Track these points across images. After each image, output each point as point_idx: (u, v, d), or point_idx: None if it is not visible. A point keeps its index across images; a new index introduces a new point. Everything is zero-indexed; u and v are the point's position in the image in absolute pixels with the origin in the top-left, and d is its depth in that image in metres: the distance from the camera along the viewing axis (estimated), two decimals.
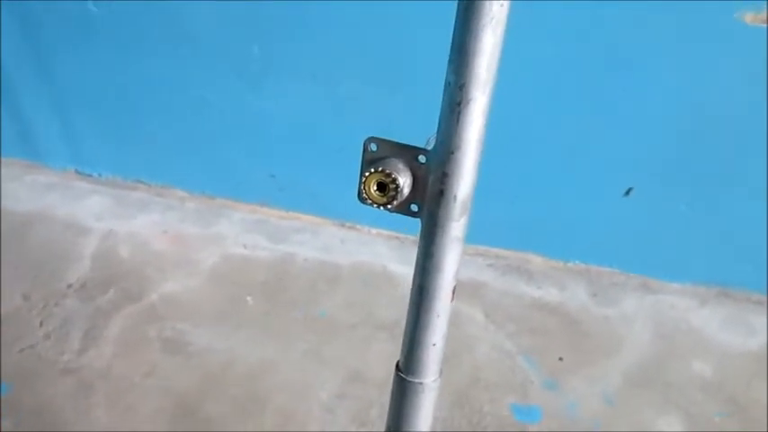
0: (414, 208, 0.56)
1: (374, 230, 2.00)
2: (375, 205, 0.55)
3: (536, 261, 1.94)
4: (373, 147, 0.56)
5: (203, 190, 2.08)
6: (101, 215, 2.01)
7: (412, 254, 1.96)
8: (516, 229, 1.86)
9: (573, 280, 1.89)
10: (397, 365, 0.62)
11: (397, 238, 1.99)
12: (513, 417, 1.47)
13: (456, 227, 0.54)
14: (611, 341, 1.70)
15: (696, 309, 1.83)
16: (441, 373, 0.62)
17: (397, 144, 0.56)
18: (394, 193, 0.54)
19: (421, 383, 0.61)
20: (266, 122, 1.88)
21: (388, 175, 0.53)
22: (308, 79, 1.78)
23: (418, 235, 0.62)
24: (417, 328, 0.58)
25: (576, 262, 1.92)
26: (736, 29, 1.46)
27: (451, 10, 0.51)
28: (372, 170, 0.54)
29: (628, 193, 1.74)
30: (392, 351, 1.59)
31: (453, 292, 0.58)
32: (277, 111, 1.85)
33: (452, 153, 0.52)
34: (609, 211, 1.80)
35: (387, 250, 1.95)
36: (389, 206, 0.55)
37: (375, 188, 0.55)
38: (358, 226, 2.01)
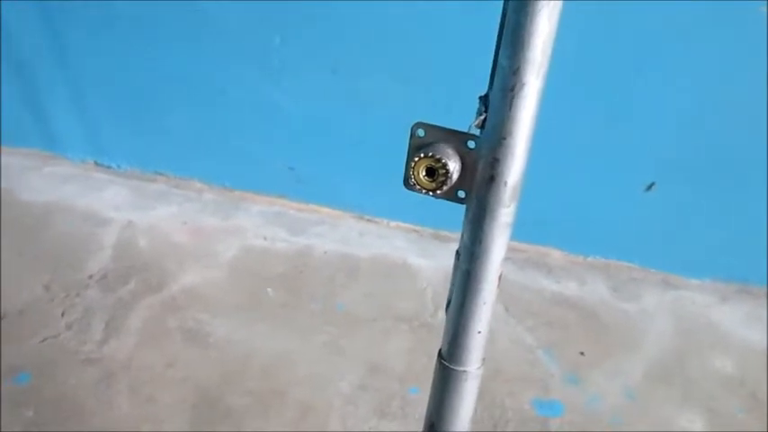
0: (461, 194, 0.56)
1: (393, 223, 2.00)
2: (423, 191, 0.55)
3: (555, 255, 1.93)
4: (420, 132, 0.55)
5: (222, 182, 2.08)
6: (120, 206, 2.01)
7: (431, 247, 1.96)
8: (535, 222, 1.85)
9: (592, 275, 1.88)
10: (440, 353, 0.62)
11: (415, 231, 1.99)
12: (535, 411, 1.47)
13: (506, 213, 0.54)
14: (631, 336, 1.70)
15: (717, 305, 1.83)
16: (484, 361, 0.61)
17: (446, 129, 0.55)
18: (444, 178, 0.53)
19: (465, 371, 0.60)
20: (286, 115, 1.88)
21: (438, 160, 0.53)
22: (328, 72, 1.77)
23: (462, 223, 0.62)
24: (462, 315, 0.58)
25: (596, 257, 1.91)
26: (763, 22, 1.44)
27: (473, 4, 0.50)
28: (422, 155, 0.53)
29: (650, 187, 1.73)
30: (412, 344, 1.60)
31: (499, 279, 0.57)
32: (297, 103, 1.85)
33: (504, 138, 0.51)
34: (630, 206, 1.79)
35: (406, 243, 1.95)
36: (438, 192, 0.54)
37: (424, 174, 0.54)
38: (377, 219, 2.01)
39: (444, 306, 0.69)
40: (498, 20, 0.52)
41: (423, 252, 1.91)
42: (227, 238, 1.92)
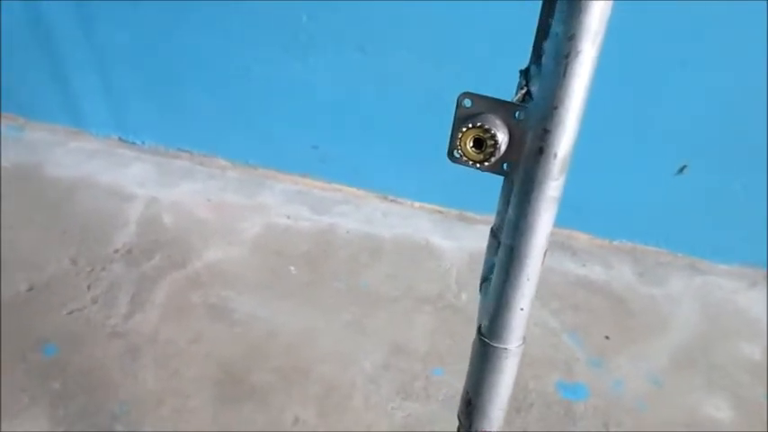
0: (505, 167, 0.54)
1: (417, 204, 1.99)
2: (470, 163, 0.53)
3: (581, 238, 1.91)
4: (467, 102, 0.54)
5: (246, 160, 2.08)
6: (144, 182, 2.02)
7: (455, 228, 1.95)
8: (561, 205, 1.82)
9: (618, 258, 1.86)
10: (479, 329, 0.61)
11: (439, 211, 1.98)
12: (559, 394, 1.46)
13: (554, 186, 0.52)
14: (657, 321, 1.68)
15: (745, 290, 1.80)
16: (524, 339, 0.60)
17: (493, 99, 0.53)
18: (492, 149, 0.51)
19: (505, 349, 0.59)
20: (311, 93, 1.86)
21: (487, 130, 0.51)
22: (355, 51, 1.75)
23: (503, 196, 0.60)
24: (505, 291, 0.57)
25: (623, 240, 1.88)
26: None
27: None
28: (470, 125, 0.52)
29: (682, 170, 1.69)
30: (436, 324, 1.59)
31: (544, 256, 0.56)
32: (323, 81, 1.83)
33: (556, 108, 0.49)
34: (659, 189, 1.76)
35: (429, 224, 1.93)
36: (486, 163, 0.52)
37: (471, 145, 0.53)
38: (401, 199, 2.00)
39: (472, 286, 0.68)
40: None
41: (447, 233, 1.89)
42: (251, 215, 1.92)
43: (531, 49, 0.63)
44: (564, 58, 0.48)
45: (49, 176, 2.01)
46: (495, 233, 0.71)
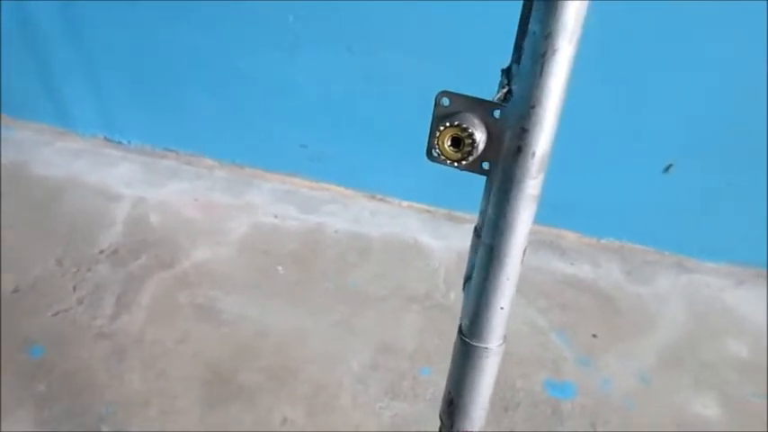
0: (485, 166, 0.54)
1: (405, 203, 1.99)
2: (448, 162, 0.53)
3: (569, 237, 1.91)
4: (445, 101, 0.54)
5: (233, 159, 2.07)
6: (131, 182, 2.01)
7: (443, 227, 1.95)
8: (549, 204, 1.82)
9: (606, 257, 1.86)
10: (460, 329, 0.61)
11: (428, 211, 1.98)
12: (547, 393, 1.46)
13: (532, 185, 0.52)
14: (645, 319, 1.68)
15: (731, 289, 1.81)
16: (505, 338, 0.60)
17: (471, 98, 0.53)
18: (470, 148, 0.51)
19: (486, 348, 0.59)
20: (299, 93, 1.86)
21: (465, 129, 0.51)
22: (343, 50, 1.75)
23: (483, 195, 0.60)
24: (485, 290, 0.56)
25: (610, 239, 1.89)
26: None
27: None
28: (447, 124, 0.51)
29: (667, 169, 1.70)
30: (423, 324, 1.59)
31: (524, 254, 0.56)
32: (311, 81, 1.83)
33: (533, 107, 0.49)
34: (646, 188, 1.77)
35: (417, 223, 1.93)
36: (463, 162, 0.52)
37: (449, 144, 0.52)
38: (389, 198, 1.99)
39: (460, 285, 0.68)
40: None
41: (435, 233, 1.89)
42: (238, 215, 1.91)
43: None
44: (541, 56, 0.48)
45: (35, 176, 2.00)
46: (478, 232, 0.71)
